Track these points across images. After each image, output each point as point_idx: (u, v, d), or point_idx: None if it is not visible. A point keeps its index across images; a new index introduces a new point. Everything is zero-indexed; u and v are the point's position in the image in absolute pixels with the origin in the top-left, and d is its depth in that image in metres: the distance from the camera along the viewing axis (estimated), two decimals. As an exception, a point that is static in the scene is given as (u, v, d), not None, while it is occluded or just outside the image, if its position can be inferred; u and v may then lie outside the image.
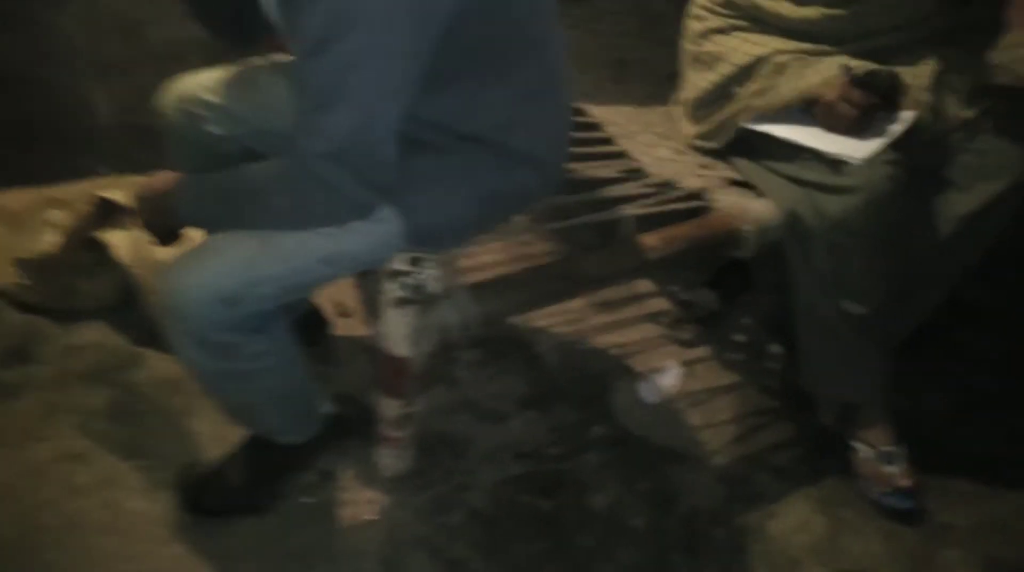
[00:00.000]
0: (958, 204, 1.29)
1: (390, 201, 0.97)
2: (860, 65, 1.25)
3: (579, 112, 1.58)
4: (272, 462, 1.20)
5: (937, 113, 1.29)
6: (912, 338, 1.46)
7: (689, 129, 1.48)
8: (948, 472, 1.48)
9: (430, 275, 1.02)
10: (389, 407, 1.17)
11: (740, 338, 1.71)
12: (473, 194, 1.04)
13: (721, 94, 1.38)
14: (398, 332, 1.06)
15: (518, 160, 1.05)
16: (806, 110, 1.28)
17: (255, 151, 1.13)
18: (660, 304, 1.77)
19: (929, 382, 1.65)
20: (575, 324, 1.67)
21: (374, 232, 0.99)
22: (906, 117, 1.27)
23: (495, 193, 1.06)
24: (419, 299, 1.03)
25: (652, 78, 1.72)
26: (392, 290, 1.02)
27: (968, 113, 1.28)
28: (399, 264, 1.02)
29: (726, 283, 1.73)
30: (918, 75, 1.29)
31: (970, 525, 1.40)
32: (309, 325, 1.43)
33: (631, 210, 1.32)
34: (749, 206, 1.29)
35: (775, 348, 1.64)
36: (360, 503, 1.26)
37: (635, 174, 1.42)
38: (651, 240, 1.20)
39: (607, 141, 1.51)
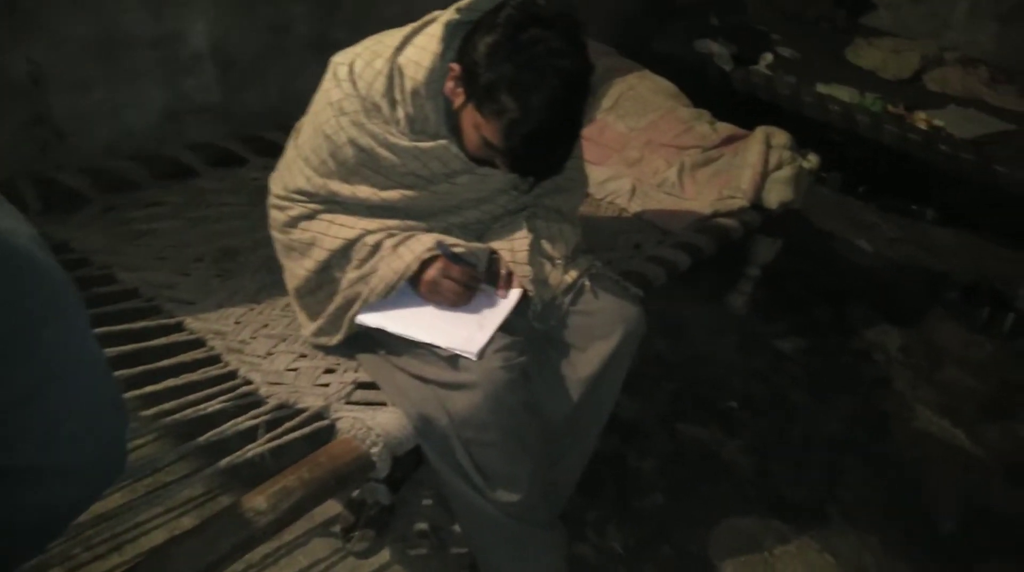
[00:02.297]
0: (580, 367, 1.29)
1: None
2: (454, 242, 1.21)
3: (179, 328, 1.36)
4: None
5: (541, 283, 1.28)
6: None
7: (307, 325, 1.33)
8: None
9: None
10: None
11: (422, 526, 1.56)
12: None
13: (322, 280, 1.26)
14: None
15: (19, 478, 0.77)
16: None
17: None
18: (330, 508, 1.57)
19: (609, 512, 1.66)
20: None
21: None
22: (512, 295, 1.25)
23: None
24: None
25: (268, 265, 1.56)
26: None
27: (569, 277, 1.29)
28: None
29: (394, 470, 1.58)
30: (515, 249, 1.28)
31: None
32: None
33: (253, 450, 1.12)
34: (375, 420, 1.16)
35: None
36: None
37: (248, 397, 1.22)
38: (257, 500, 1.00)
39: (214, 360, 1.30)
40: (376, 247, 1.20)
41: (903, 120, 2.75)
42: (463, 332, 1.18)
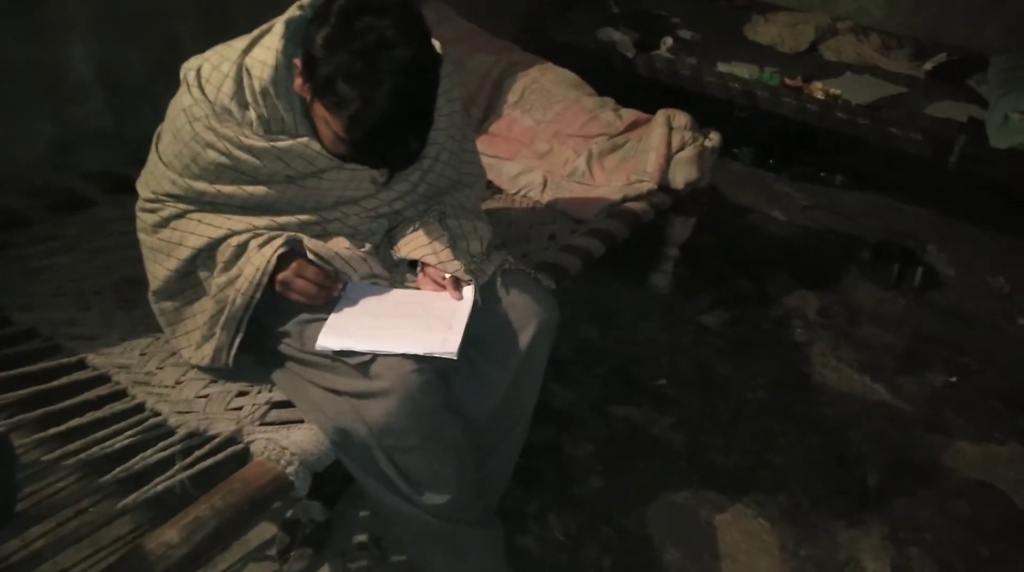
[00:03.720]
0: (499, 362, 1.29)
1: None
2: (312, 245, 1.20)
3: (81, 365, 1.31)
4: None
5: (475, 274, 1.28)
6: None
7: (196, 354, 1.27)
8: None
9: None
10: None
11: (361, 538, 1.55)
12: None
13: (184, 285, 1.24)
14: None
15: None
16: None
17: None
18: (265, 531, 1.54)
19: (549, 501, 1.67)
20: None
21: None
22: (467, 292, 1.26)
23: None
24: None
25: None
26: None
27: (485, 274, 1.30)
28: None
29: (326, 484, 1.56)
30: (438, 250, 1.27)
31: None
32: None
33: (163, 482, 1.09)
34: (289, 440, 1.14)
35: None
36: None
37: (157, 429, 1.19)
38: (169, 533, 0.97)
39: (120, 395, 1.26)
40: (242, 248, 1.18)
41: (801, 91, 2.84)
42: (436, 335, 1.18)
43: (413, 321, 1.21)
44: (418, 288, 1.30)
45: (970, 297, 2.65)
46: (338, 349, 1.15)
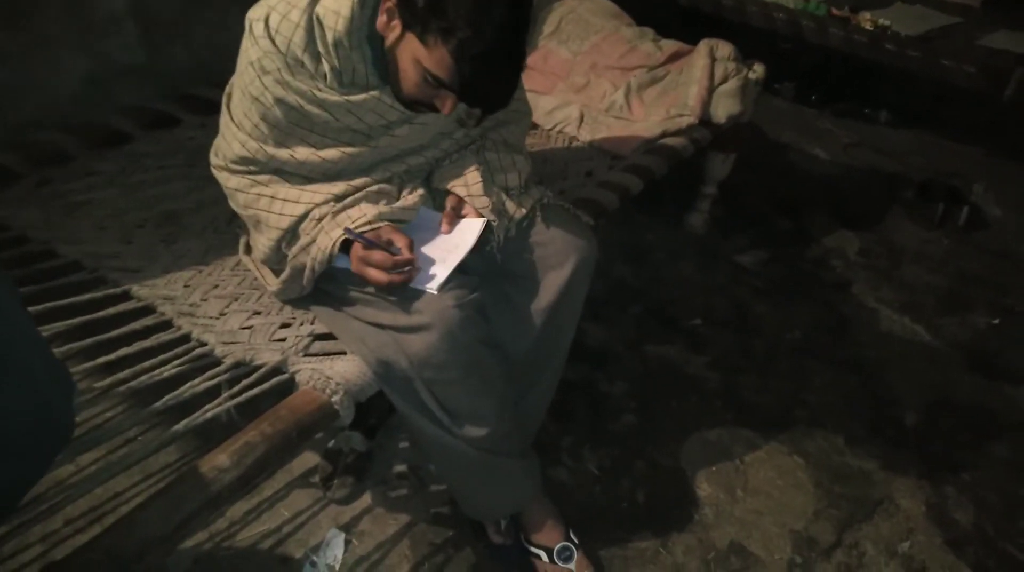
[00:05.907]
0: (537, 298, 1.28)
1: None
2: (376, 213, 1.15)
3: (126, 296, 1.33)
4: None
5: (501, 213, 1.27)
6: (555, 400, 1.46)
7: (271, 281, 1.31)
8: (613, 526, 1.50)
9: None
10: None
11: (400, 468, 1.58)
12: None
13: (280, 255, 1.24)
14: None
15: None
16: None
17: None
18: (308, 460, 1.58)
19: (583, 436, 1.69)
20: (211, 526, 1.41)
21: None
22: (473, 228, 1.23)
23: None
24: None
25: (213, 225, 1.52)
26: None
27: (522, 209, 1.28)
28: None
29: (367, 416, 1.59)
30: (469, 183, 1.26)
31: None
32: None
33: (212, 410, 1.11)
34: (334, 370, 1.16)
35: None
36: None
37: (204, 359, 1.21)
38: (220, 458, 1.00)
39: (166, 325, 1.28)
40: (320, 220, 1.17)
41: (848, 22, 2.72)
42: (425, 270, 1.17)
43: (421, 253, 1.20)
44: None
45: (1017, 238, 2.58)
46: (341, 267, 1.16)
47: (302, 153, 1.16)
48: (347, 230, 1.13)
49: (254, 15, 1.11)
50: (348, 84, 1.14)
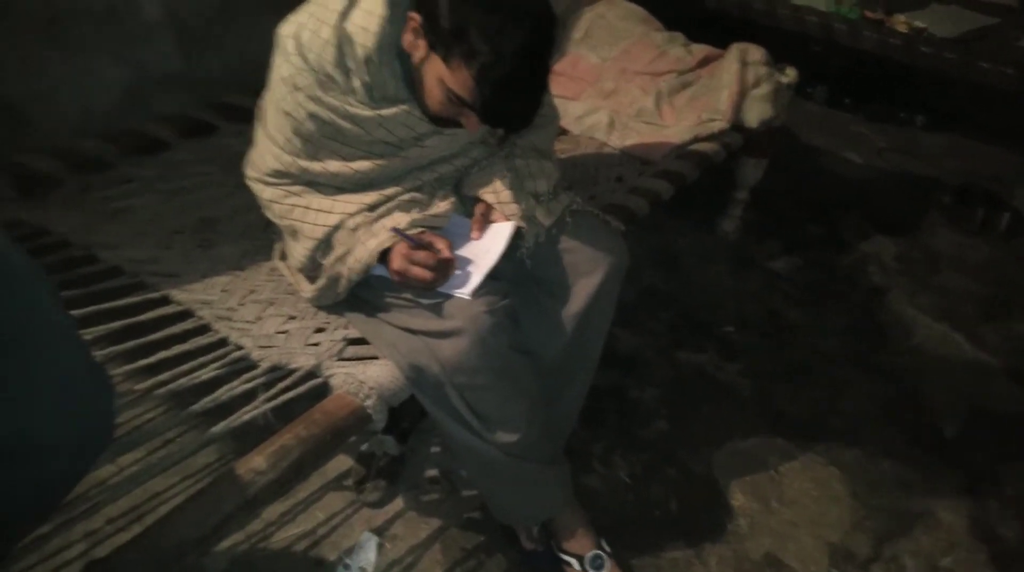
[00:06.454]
0: (568, 305, 1.28)
1: None
2: (408, 220, 1.17)
3: (165, 301, 1.35)
4: None
5: (530, 219, 1.27)
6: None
7: (305, 287, 1.32)
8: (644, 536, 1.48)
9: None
10: None
11: (432, 472, 1.58)
12: None
13: (315, 264, 1.25)
14: None
15: None
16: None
17: None
18: (341, 463, 1.59)
19: (614, 442, 1.68)
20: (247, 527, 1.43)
21: None
22: (504, 234, 1.23)
23: None
24: None
25: (249, 231, 1.54)
26: None
27: (552, 216, 1.28)
28: None
29: (400, 420, 1.60)
30: (498, 190, 1.26)
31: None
32: None
33: (249, 412, 1.12)
34: (367, 374, 1.16)
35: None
36: None
37: (241, 362, 1.22)
38: (256, 460, 1.01)
39: (203, 329, 1.30)
40: (355, 229, 1.18)
41: (883, 24, 2.68)
42: (458, 275, 1.18)
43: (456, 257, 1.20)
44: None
45: (1061, 244, 2.52)
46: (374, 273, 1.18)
47: (334, 166, 1.18)
48: (395, 230, 1.14)
49: (285, 32, 1.12)
50: (379, 99, 1.15)
